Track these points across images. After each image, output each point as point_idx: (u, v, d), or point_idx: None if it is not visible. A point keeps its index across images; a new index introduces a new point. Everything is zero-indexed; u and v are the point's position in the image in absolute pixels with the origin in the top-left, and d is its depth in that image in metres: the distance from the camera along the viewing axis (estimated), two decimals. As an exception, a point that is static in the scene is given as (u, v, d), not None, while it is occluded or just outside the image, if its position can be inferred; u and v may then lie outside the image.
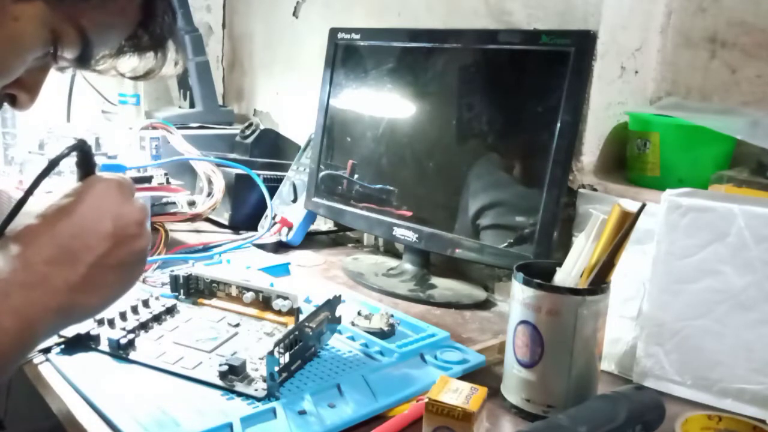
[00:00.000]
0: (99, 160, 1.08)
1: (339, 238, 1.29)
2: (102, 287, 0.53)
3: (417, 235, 0.99)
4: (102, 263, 0.53)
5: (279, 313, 0.78)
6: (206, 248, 1.07)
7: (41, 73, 0.57)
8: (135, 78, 0.64)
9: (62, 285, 0.50)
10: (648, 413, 0.61)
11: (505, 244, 0.89)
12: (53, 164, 0.55)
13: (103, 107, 1.57)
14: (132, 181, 0.58)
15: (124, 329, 0.72)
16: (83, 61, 0.56)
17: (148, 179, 1.08)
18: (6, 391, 1.30)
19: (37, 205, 0.53)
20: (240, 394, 0.63)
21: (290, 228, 1.17)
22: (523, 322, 0.65)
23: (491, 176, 0.94)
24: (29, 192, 0.54)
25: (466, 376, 0.71)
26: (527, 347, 0.65)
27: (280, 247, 1.17)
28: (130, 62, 0.61)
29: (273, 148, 1.42)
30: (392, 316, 0.81)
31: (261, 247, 1.12)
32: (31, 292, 0.48)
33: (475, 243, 0.92)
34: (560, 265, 0.68)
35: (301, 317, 0.74)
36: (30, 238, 0.50)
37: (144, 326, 0.75)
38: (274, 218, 1.17)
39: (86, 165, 0.58)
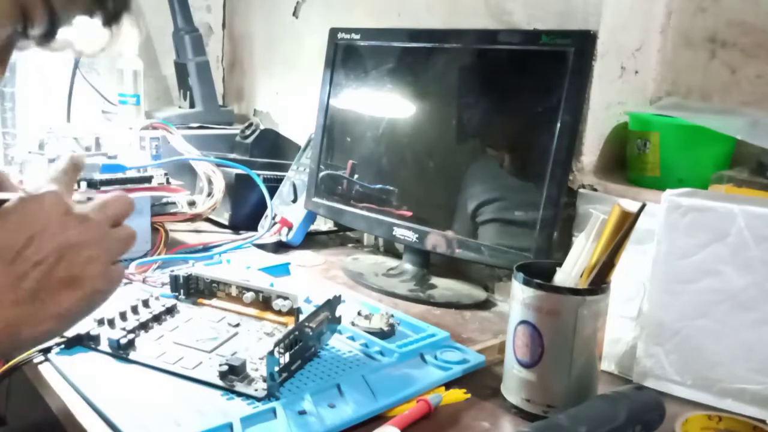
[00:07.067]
0: (99, 159, 1.09)
1: (339, 238, 1.29)
2: (55, 303, 0.50)
3: (417, 235, 0.99)
4: (48, 278, 0.50)
5: (279, 313, 0.78)
6: (206, 248, 1.07)
7: (6, 50, 0.56)
8: (90, 55, 0.63)
9: (7, 302, 0.48)
10: (648, 413, 0.61)
11: (505, 244, 0.89)
12: None
13: (103, 107, 1.57)
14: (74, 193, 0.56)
15: (124, 329, 0.72)
16: (48, 37, 0.55)
17: (148, 179, 1.08)
18: (6, 391, 1.29)
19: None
20: (240, 394, 0.63)
21: (290, 228, 1.17)
22: (523, 322, 0.65)
23: (491, 176, 0.94)
24: None
25: (466, 376, 0.71)
26: (527, 347, 0.65)
27: (280, 247, 1.17)
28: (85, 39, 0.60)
29: (273, 148, 1.42)
30: (392, 316, 0.81)
31: (261, 247, 1.12)
32: None
33: (475, 243, 0.92)
34: (560, 265, 0.68)
35: (301, 317, 0.74)
36: None
37: (144, 326, 0.75)
38: (274, 218, 1.17)
39: None
